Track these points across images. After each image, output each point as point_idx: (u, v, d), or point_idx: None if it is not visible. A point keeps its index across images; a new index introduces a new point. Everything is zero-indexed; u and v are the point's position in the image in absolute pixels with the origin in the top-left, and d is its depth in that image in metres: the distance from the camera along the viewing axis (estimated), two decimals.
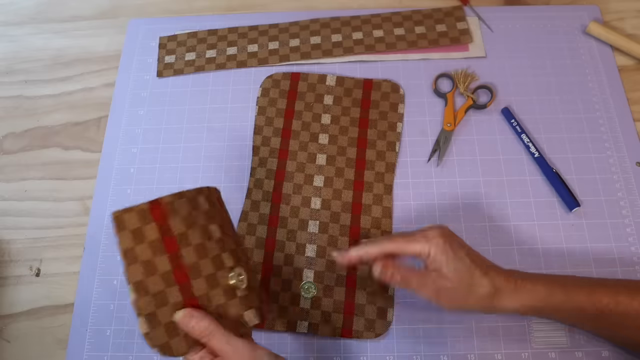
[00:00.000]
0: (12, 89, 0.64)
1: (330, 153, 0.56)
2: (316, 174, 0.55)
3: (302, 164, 0.56)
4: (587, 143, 0.56)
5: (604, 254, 0.51)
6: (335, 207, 0.54)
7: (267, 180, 0.55)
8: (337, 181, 0.55)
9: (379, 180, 0.55)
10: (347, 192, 0.54)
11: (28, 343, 0.51)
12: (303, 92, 0.59)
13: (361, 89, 0.59)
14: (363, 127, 0.57)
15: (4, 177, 0.59)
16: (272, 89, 0.60)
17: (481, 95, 0.59)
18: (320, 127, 0.57)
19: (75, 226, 0.56)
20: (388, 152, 0.56)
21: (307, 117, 0.58)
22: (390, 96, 0.59)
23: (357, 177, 0.55)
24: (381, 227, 0.53)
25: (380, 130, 0.57)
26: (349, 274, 0.51)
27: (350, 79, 0.60)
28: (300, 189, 0.54)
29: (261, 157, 0.56)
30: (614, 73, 0.60)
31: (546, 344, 0.48)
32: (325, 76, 0.60)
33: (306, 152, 0.56)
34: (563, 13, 0.64)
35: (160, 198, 0.39)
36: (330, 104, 0.59)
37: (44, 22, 0.69)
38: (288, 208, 0.54)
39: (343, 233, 0.52)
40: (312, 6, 0.67)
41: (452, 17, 0.64)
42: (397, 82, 0.60)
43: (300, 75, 0.61)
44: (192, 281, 0.38)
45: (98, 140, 0.60)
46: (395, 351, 0.48)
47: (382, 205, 0.54)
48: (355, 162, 0.55)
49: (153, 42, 0.65)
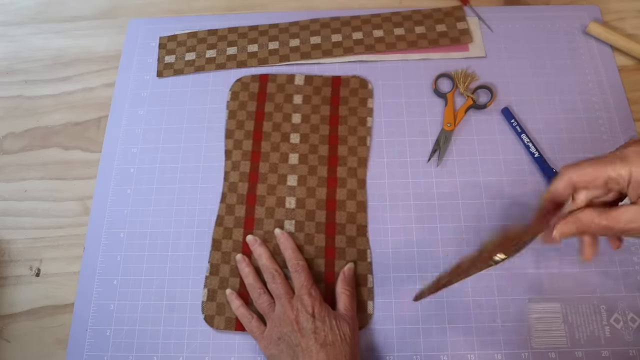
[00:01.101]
0: (12, 89, 0.64)
1: (302, 152, 0.56)
2: (289, 173, 0.55)
3: (275, 164, 0.56)
4: (587, 143, 0.56)
5: (604, 254, 0.51)
6: (310, 205, 0.54)
7: (241, 184, 0.55)
8: (311, 179, 0.55)
9: (352, 175, 0.55)
10: (320, 190, 0.54)
11: (28, 343, 0.51)
12: (272, 93, 0.60)
13: (330, 87, 0.60)
14: (333, 124, 0.58)
15: (4, 177, 0.59)
16: (242, 92, 0.60)
17: (481, 95, 0.59)
18: (291, 127, 0.58)
19: (75, 226, 0.56)
20: (359, 147, 0.56)
21: (277, 117, 0.58)
22: (359, 92, 0.59)
23: (330, 174, 0.55)
24: (356, 221, 0.53)
25: (351, 126, 0.57)
26: (328, 271, 0.51)
27: (318, 77, 0.60)
28: (274, 190, 0.55)
29: (234, 160, 0.56)
30: (614, 73, 0.60)
31: (546, 344, 0.48)
32: (293, 76, 0.61)
33: (278, 152, 0.56)
34: (563, 13, 0.64)
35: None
36: (300, 103, 0.59)
37: (44, 22, 0.69)
38: (263, 209, 0.54)
39: (319, 230, 0.53)
40: (312, 6, 0.68)
41: (452, 17, 0.64)
42: (366, 78, 0.60)
43: (268, 76, 0.61)
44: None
45: (98, 140, 0.60)
46: (395, 351, 0.48)
47: (357, 200, 0.54)
48: (328, 159, 0.56)
49: (153, 42, 0.65)
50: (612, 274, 0.50)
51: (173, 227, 0.54)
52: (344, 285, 0.49)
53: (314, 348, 0.42)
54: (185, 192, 0.56)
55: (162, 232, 0.54)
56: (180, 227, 0.54)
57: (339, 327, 0.44)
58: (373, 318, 0.49)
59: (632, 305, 0.49)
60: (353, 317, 0.47)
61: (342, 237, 0.52)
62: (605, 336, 0.48)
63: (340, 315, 0.46)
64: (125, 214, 0.55)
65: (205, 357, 0.49)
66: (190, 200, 0.55)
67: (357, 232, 0.53)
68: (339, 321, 0.45)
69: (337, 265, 0.51)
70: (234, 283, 0.51)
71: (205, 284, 0.51)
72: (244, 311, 0.49)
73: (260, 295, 0.49)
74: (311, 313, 0.44)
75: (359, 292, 0.50)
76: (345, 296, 0.48)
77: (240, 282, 0.51)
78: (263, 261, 0.50)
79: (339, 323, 0.44)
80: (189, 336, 0.50)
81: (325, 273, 0.51)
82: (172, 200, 0.55)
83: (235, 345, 0.49)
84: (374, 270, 0.51)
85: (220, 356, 0.49)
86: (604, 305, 0.49)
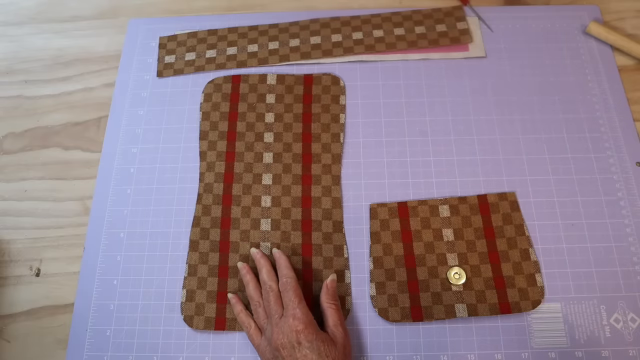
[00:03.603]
0: (12, 89, 0.64)
1: (277, 150, 0.56)
2: (264, 172, 0.56)
3: (250, 164, 0.56)
4: (587, 143, 0.56)
5: (604, 254, 0.51)
6: (285, 203, 0.54)
7: (216, 184, 0.55)
8: (285, 177, 0.55)
9: (326, 172, 0.55)
10: (296, 187, 0.55)
11: (28, 343, 0.51)
12: (245, 94, 0.60)
13: (302, 85, 0.60)
14: (307, 122, 0.58)
15: (4, 177, 0.59)
16: (215, 94, 0.60)
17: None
18: (265, 126, 0.58)
19: (75, 226, 0.56)
20: (333, 144, 0.57)
21: (250, 117, 0.58)
22: (331, 89, 0.60)
23: (305, 171, 0.55)
24: (332, 217, 0.53)
25: (324, 123, 0.58)
26: (305, 268, 0.51)
27: (290, 76, 0.61)
28: (250, 189, 0.55)
29: (209, 161, 0.56)
30: (614, 73, 0.60)
31: (546, 344, 0.48)
32: (265, 75, 0.61)
33: (253, 152, 0.57)
34: (563, 13, 0.64)
35: (407, 201, 0.53)
36: (272, 103, 0.59)
37: (44, 22, 0.69)
38: (239, 209, 0.54)
39: (295, 228, 0.53)
40: (312, 6, 0.68)
41: (452, 17, 0.64)
42: (337, 75, 0.61)
43: (241, 77, 0.61)
44: (418, 268, 0.50)
45: (98, 140, 0.60)
46: (395, 351, 0.48)
47: (332, 196, 0.54)
48: (302, 156, 0.56)
49: (153, 42, 0.65)
50: (612, 274, 0.50)
51: (173, 227, 0.54)
52: (328, 299, 0.48)
53: None
54: (185, 192, 0.56)
55: (162, 232, 0.54)
56: (180, 227, 0.54)
57: (328, 351, 0.43)
58: (358, 315, 0.50)
59: (632, 305, 0.49)
60: (343, 335, 0.45)
61: (319, 234, 0.53)
62: (605, 336, 0.48)
63: (327, 338, 0.44)
64: (125, 214, 0.55)
65: (205, 357, 0.49)
66: (190, 200, 0.55)
67: (334, 228, 0.53)
68: (328, 345, 0.43)
69: (315, 262, 0.52)
70: (212, 283, 0.51)
71: (184, 284, 0.51)
72: (244, 318, 0.48)
73: (256, 308, 0.48)
74: (296, 340, 0.43)
75: (337, 288, 0.50)
76: (332, 310, 0.47)
77: (218, 282, 0.51)
78: (263, 276, 0.49)
79: (327, 347, 0.43)
80: (189, 336, 0.50)
81: (302, 270, 0.51)
82: (172, 200, 0.55)
83: (235, 345, 0.49)
84: (351, 268, 0.51)
85: (220, 356, 0.49)
86: (604, 305, 0.49)
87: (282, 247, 0.52)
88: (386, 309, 0.49)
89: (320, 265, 0.51)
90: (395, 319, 0.49)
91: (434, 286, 0.49)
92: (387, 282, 0.50)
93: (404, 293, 0.49)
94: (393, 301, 0.49)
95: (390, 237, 0.52)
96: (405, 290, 0.49)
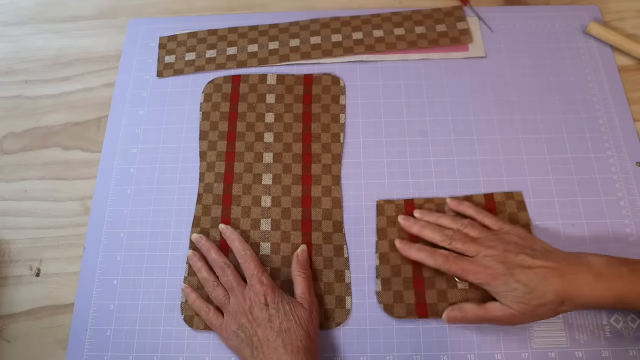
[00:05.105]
0: (12, 89, 0.64)
1: (277, 150, 0.56)
2: (264, 172, 0.56)
3: (250, 164, 0.56)
4: (587, 143, 0.56)
5: (604, 253, 0.51)
6: (285, 203, 0.54)
7: (216, 184, 0.55)
8: (285, 177, 0.55)
9: (327, 172, 0.55)
10: (296, 187, 0.55)
11: (28, 343, 0.51)
12: (245, 94, 0.60)
13: (302, 85, 0.60)
14: (307, 122, 0.58)
15: (4, 177, 0.59)
16: (215, 94, 0.60)
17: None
18: (265, 126, 0.58)
19: (75, 226, 0.56)
20: (333, 144, 0.57)
21: (250, 117, 0.58)
22: (331, 89, 0.60)
23: (305, 171, 0.55)
24: (332, 217, 0.53)
25: (324, 123, 0.58)
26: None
27: (290, 76, 0.61)
28: (250, 189, 0.55)
29: (209, 161, 0.56)
30: (614, 73, 0.60)
31: (546, 344, 0.48)
32: (265, 75, 0.61)
33: (252, 152, 0.57)
34: (563, 13, 0.64)
35: (414, 198, 0.53)
36: (272, 103, 0.59)
37: (44, 22, 0.69)
38: (239, 209, 0.54)
39: (295, 228, 0.53)
40: (312, 6, 0.68)
41: (452, 17, 0.64)
42: (337, 75, 0.61)
43: (241, 77, 0.61)
44: (423, 265, 0.49)
45: (98, 140, 0.60)
46: (395, 351, 0.48)
47: (332, 196, 0.54)
48: (302, 156, 0.56)
49: (153, 42, 0.65)
50: None
51: (173, 227, 0.54)
52: (298, 268, 0.49)
53: (270, 337, 0.43)
54: (185, 192, 0.56)
55: (162, 232, 0.54)
56: (180, 227, 0.54)
57: (293, 312, 0.45)
58: (351, 314, 0.49)
59: None
60: (310, 300, 0.47)
61: (319, 234, 0.53)
62: (605, 336, 0.48)
63: (294, 300, 0.46)
64: (125, 214, 0.55)
65: (205, 357, 0.49)
66: (190, 200, 0.55)
67: (334, 228, 0.53)
68: (293, 306, 0.45)
69: (315, 262, 0.51)
70: None
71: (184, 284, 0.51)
72: (200, 304, 0.49)
73: (214, 288, 0.49)
74: (264, 302, 0.45)
75: (337, 288, 0.50)
76: (300, 279, 0.48)
77: None
78: (212, 256, 0.50)
79: (292, 308, 0.45)
80: (189, 336, 0.50)
81: None
82: (172, 200, 0.55)
83: None
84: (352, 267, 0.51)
85: (220, 356, 0.49)
86: None
87: (282, 247, 0.52)
88: (391, 305, 0.49)
89: (320, 265, 0.51)
90: (401, 315, 0.49)
91: (439, 283, 0.49)
92: (392, 278, 0.50)
93: (410, 290, 0.49)
94: (398, 297, 0.49)
95: (396, 234, 0.52)
96: (411, 286, 0.49)
